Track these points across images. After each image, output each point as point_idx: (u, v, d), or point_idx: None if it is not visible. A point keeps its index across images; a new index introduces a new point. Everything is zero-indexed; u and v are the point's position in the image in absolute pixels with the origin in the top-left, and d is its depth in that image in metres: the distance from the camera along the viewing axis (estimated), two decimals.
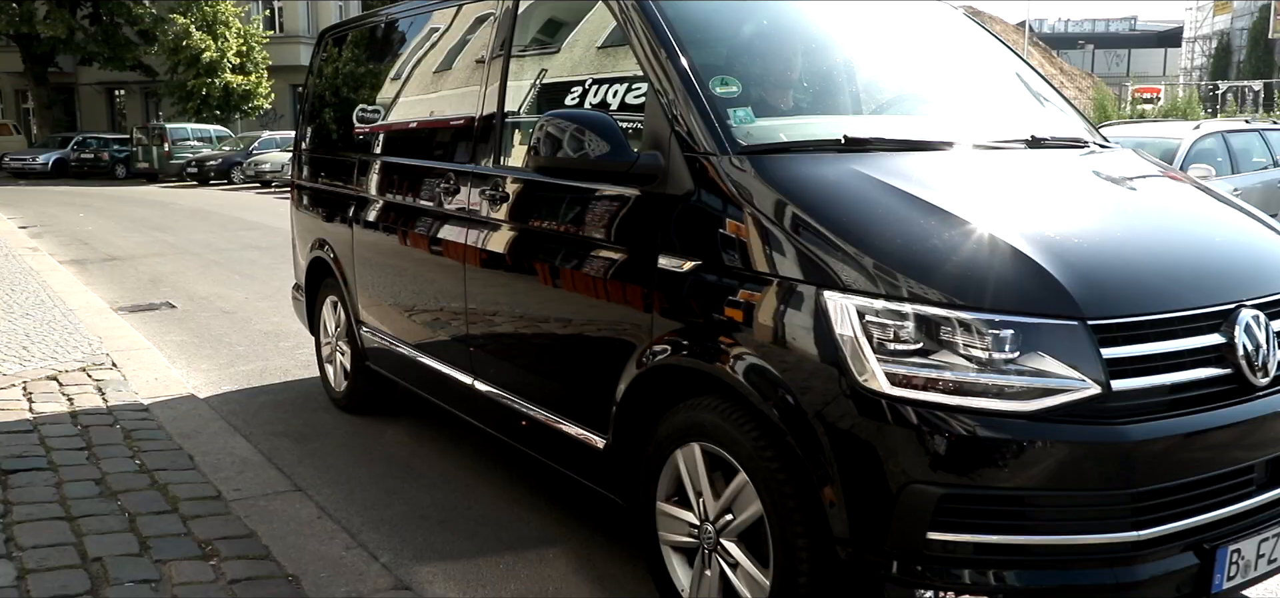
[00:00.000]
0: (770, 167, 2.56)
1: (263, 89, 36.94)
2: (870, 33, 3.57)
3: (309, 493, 3.90)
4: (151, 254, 12.17)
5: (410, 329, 4.32)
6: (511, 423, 3.55)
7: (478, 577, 3.26)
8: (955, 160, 2.89)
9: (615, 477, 3.01)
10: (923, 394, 2.14)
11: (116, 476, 3.90)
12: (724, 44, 3.17)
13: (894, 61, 3.58)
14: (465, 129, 3.84)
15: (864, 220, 2.37)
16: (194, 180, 29.82)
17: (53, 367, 5.62)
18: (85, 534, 3.31)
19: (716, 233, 2.57)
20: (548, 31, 3.66)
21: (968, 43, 3.80)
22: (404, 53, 4.71)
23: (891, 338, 2.18)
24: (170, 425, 4.63)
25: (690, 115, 2.70)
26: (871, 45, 3.57)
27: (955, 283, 2.19)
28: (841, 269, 2.27)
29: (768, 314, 2.40)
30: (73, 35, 35.76)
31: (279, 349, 6.69)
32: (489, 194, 3.56)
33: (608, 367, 2.92)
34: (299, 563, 3.19)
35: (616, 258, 2.89)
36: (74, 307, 7.72)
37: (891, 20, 3.68)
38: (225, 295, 8.93)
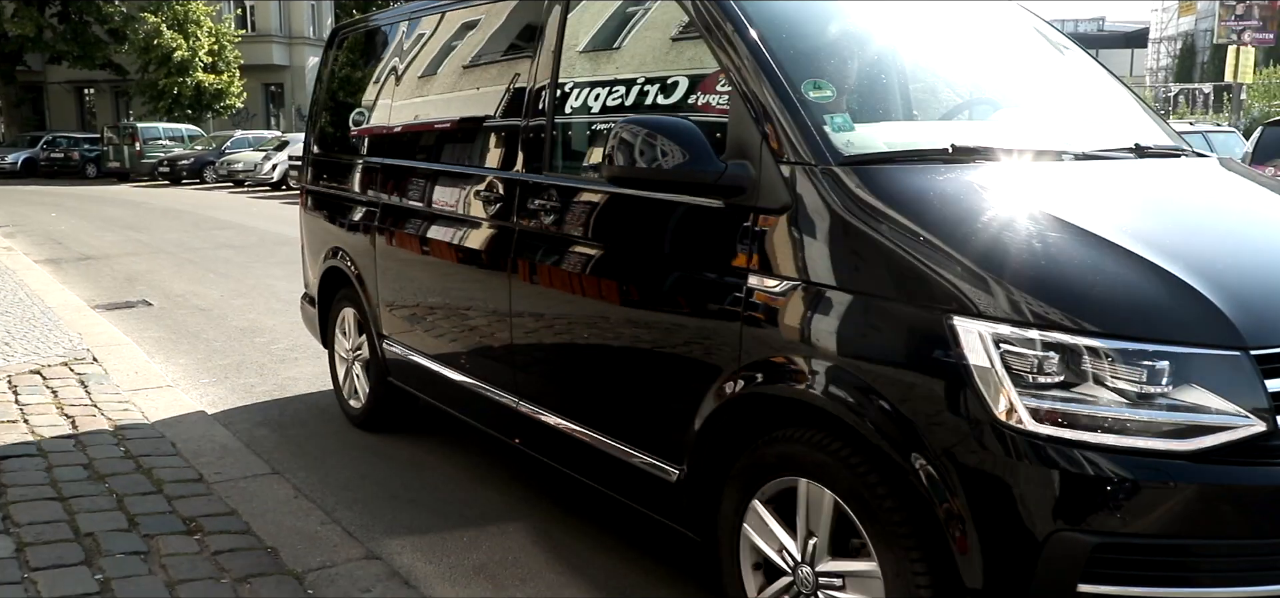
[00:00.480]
0: (880, 179, 2.37)
1: (235, 88, 36.95)
2: (948, 33, 3.38)
3: (286, 476, 4.15)
4: (126, 253, 12.32)
5: (442, 345, 4.06)
6: (562, 447, 3.34)
7: (442, 548, 3.54)
8: (1071, 172, 2.68)
9: (689, 511, 2.80)
10: (1070, 432, 1.95)
11: (103, 460, 4.14)
12: (809, 43, 2.93)
13: (976, 63, 3.39)
14: (511, 133, 3.58)
15: (993, 239, 2.16)
16: (166, 180, 29.80)
17: (35, 361, 5.83)
18: (77, 512, 3.56)
19: (820, 252, 2.38)
20: (605, 25, 3.36)
21: (1042, 42, 3.57)
22: (434, 51, 4.35)
23: (1033, 370, 1.98)
24: (153, 415, 4.86)
25: (785, 123, 2.50)
26: (951, 46, 3.38)
27: (1101, 308, 2.00)
28: (973, 293, 2.07)
29: (882, 342, 2.22)
30: (41, 33, 35.63)
31: (254, 345, 6.92)
32: (542, 204, 3.31)
33: (684, 393, 2.72)
34: (277, 537, 3.45)
35: (698, 277, 2.67)
36: (52, 305, 7.90)
37: (967, 20, 3.48)
38: (200, 293, 9.13)
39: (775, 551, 2.52)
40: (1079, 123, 3.19)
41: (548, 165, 3.36)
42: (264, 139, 29.57)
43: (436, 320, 4.10)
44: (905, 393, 2.16)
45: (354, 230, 4.74)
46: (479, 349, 3.80)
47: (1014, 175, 2.54)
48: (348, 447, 4.68)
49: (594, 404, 3.20)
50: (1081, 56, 3.60)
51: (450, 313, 4.00)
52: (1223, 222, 2.61)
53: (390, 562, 3.37)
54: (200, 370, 6.19)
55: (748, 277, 2.52)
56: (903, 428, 2.16)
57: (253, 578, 3.11)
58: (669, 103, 2.96)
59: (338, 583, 3.13)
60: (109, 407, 4.97)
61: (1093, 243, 2.15)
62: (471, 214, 3.77)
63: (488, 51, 3.95)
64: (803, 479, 2.40)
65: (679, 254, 2.77)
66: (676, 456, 2.80)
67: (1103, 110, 3.38)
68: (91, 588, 2.99)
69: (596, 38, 3.37)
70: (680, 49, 3.00)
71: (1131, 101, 3.48)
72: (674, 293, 2.75)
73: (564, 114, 3.37)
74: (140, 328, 7.49)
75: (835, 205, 2.36)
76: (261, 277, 10.04)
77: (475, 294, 3.77)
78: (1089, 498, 1.95)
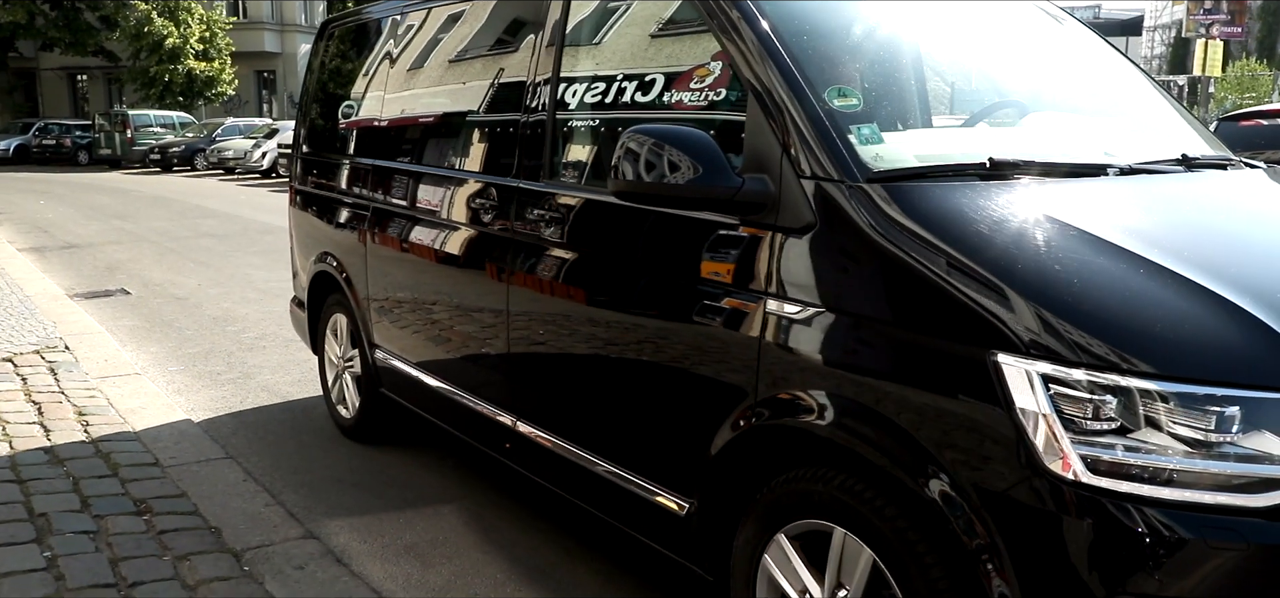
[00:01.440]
0: (912, 197, 2.18)
1: (226, 76, 37.03)
2: (980, 32, 3.21)
3: (238, 460, 4.35)
4: (109, 242, 12.49)
5: (433, 358, 3.90)
6: (560, 471, 3.17)
7: (378, 528, 3.74)
8: (1118, 189, 2.47)
9: (699, 547, 2.63)
10: (1127, 485, 1.78)
11: (63, 445, 4.34)
12: (832, 46, 2.74)
13: (1011, 66, 3.24)
14: (509, 135, 3.39)
15: (1039, 268, 1.98)
16: (157, 167, 29.94)
17: (8, 350, 6.02)
18: (33, 494, 3.75)
19: (845, 277, 2.21)
20: (611, 21, 3.16)
21: (1074, 41, 3.38)
22: (425, 45, 4.16)
23: (1087, 414, 1.81)
24: (117, 402, 5.06)
25: (807, 134, 2.31)
26: (983, 46, 3.21)
27: (1160, 346, 1.82)
28: (1019, 328, 1.89)
29: (916, 377, 2.03)
30: (33, 20, 35.72)
31: (225, 334, 7.11)
32: (542, 214, 3.11)
33: (696, 423, 2.54)
34: (222, 517, 3.65)
35: (711, 299, 2.48)
36: (31, 293, 8.08)
37: (999, 19, 3.31)
38: (178, 282, 9.31)
39: (797, 592, 2.35)
40: (1121, 131, 3.02)
41: (548, 170, 3.16)
42: (254, 127, 29.69)
43: (429, 333, 3.96)
44: (940, 437, 1.98)
45: (342, 232, 4.60)
46: (474, 364, 3.62)
47: (1057, 193, 2.32)
48: (301, 432, 4.88)
49: (595, 429, 3.02)
50: (1112, 53, 3.39)
51: (443, 325, 3.85)
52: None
53: (326, 541, 3.58)
54: (170, 358, 6.38)
55: (766, 300, 2.34)
56: (938, 476, 1.99)
57: (193, 556, 3.32)
58: (676, 100, 2.77)
59: (273, 560, 3.33)
60: (76, 394, 5.16)
61: (1148, 271, 1.96)
62: (465, 223, 3.58)
63: (483, 46, 3.78)
64: (838, 528, 2.21)
65: (691, 272, 2.55)
66: (687, 488, 2.63)
67: (1144, 116, 3.18)
68: (39, 564, 3.19)
69: (601, 30, 3.16)
70: (693, 42, 2.78)
71: (1171, 105, 3.28)
72: (686, 314, 2.55)
73: (565, 112, 3.16)
74: (115, 317, 7.68)
75: (863, 226, 2.17)
76: (240, 266, 10.23)
77: (470, 307, 3.60)
78: (1150, 560, 1.76)
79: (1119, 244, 2.04)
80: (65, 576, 3.12)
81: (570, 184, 3.11)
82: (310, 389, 5.50)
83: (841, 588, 2.25)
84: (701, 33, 2.72)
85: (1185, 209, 2.50)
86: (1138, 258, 2.00)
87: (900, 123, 2.73)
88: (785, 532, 2.36)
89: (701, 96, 2.69)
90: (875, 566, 2.15)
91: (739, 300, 2.42)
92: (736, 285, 2.43)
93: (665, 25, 2.92)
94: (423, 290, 3.94)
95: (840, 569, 2.25)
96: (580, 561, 3.47)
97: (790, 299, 2.30)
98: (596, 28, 3.18)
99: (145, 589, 3.07)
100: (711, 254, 2.51)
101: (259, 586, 3.15)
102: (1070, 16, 3.51)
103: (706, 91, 2.68)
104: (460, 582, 3.33)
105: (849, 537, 2.20)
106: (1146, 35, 73.34)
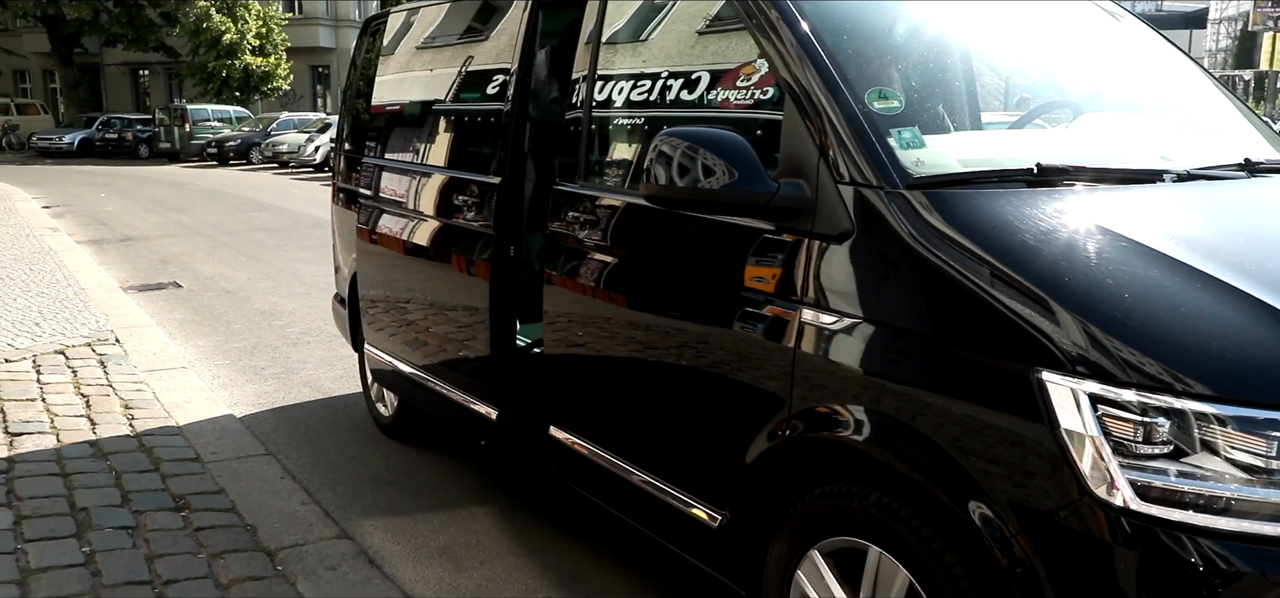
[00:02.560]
0: (955, 205, 2.10)
1: (282, 70, 37.59)
2: (1028, 29, 3.11)
3: (278, 456, 4.38)
4: (165, 235, 12.73)
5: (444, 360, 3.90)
6: (597, 480, 3.09)
7: (412, 529, 3.73)
8: (1176, 197, 2.37)
9: (732, 560, 2.57)
10: (1180, 513, 1.69)
11: (108, 439, 4.40)
12: (873, 46, 2.66)
13: (1060, 64, 3.14)
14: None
15: (1089, 282, 1.89)
16: (214, 160, 30.50)
17: (61, 342, 6.14)
18: (76, 488, 3.81)
19: (883, 287, 2.13)
20: (646, 21, 3.09)
21: (1131, 37, 3.25)
22: (462, 47, 4.07)
23: (1138, 438, 1.73)
24: (163, 396, 5.12)
25: (845, 138, 2.23)
26: (1032, 44, 3.12)
27: (1218, 367, 1.73)
28: (1066, 345, 1.81)
29: (956, 394, 1.95)
30: (98, 17, 36.59)
31: (271, 328, 7.19)
32: (575, 217, 3.05)
33: (729, 433, 2.48)
34: (258, 515, 3.67)
35: (746, 307, 2.41)
36: (86, 286, 8.25)
37: (1048, 15, 3.19)
38: (229, 276, 9.45)
39: None
40: (1179, 134, 2.90)
41: (583, 170, 3.10)
42: (308, 121, 30.11)
43: (448, 336, 3.88)
44: (981, 456, 1.90)
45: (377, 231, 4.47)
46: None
47: (1109, 202, 2.21)
48: (340, 428, 4.90)
49: (628, 437, 2.96)
50: (1177, 54, 3.27)
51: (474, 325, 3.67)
52: None
53: (360, 541, 3.57)
54: (216, 353, 6.47)
55: (801, 310, 2.28)
56: (975, 496, 1.91)
57: (227, 554, 3.33)
58: (713, 98, 2.71)
59: (306, 560, 3.33)
60: (123, 387, 5.24)
61: (1205, 285, 1.87)
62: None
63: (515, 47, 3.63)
64: (873, 547, 2.14)
65: (725, 278, 2.50)
66: (720, 499, 2.56)
67: (1205, 117, 3.05)
68: (77, 560, 3.22)
69: (638, 32, 3.10)
70: (728, 41, 2.72)
71: (1230, 103, 3.15)
72: (720, 321, 2.49)
73: (602, 111, 3.09)
74: (166, 310, 7.81)
75: (902, 234, 2.09)
76: (289, 260, 10.35)
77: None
78: (1204, 593, 1.67)
79: (1174, 256, 1.95)
80: (102, 572, 3.15)
81: (606, 186, 3.05)
82: (352, 385, 5.52)
83: None
84: (742, 31, 2.63)
85: (1247, 218, 2.38)
86: (1194, 271, 1.91)
87: (947, 125, 2.64)
88: (819, 548, 2.29)
89: (746, 96, 2.61)
90: (912, 587, 2.07)
91: (774, 308, 2.35)
92: (771, 293, 2.37)
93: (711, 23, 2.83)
94: (453, 289, 3.88)
95: (875, 589, 2.17)
96: (611, 568, 3.42)
97: (827, 308, 2.23)
98: (637, 28, 3.12)
99: (179, 588, 3.08)
100: (745, 260, 2.45)
101: (291, 586, 3.15)
102: (1127, 11, 3.39)
103: (753, 90, 2.59)
104: (491, 587, 3.31)
105: (884, 556, 2.13)
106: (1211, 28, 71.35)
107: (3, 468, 3.97)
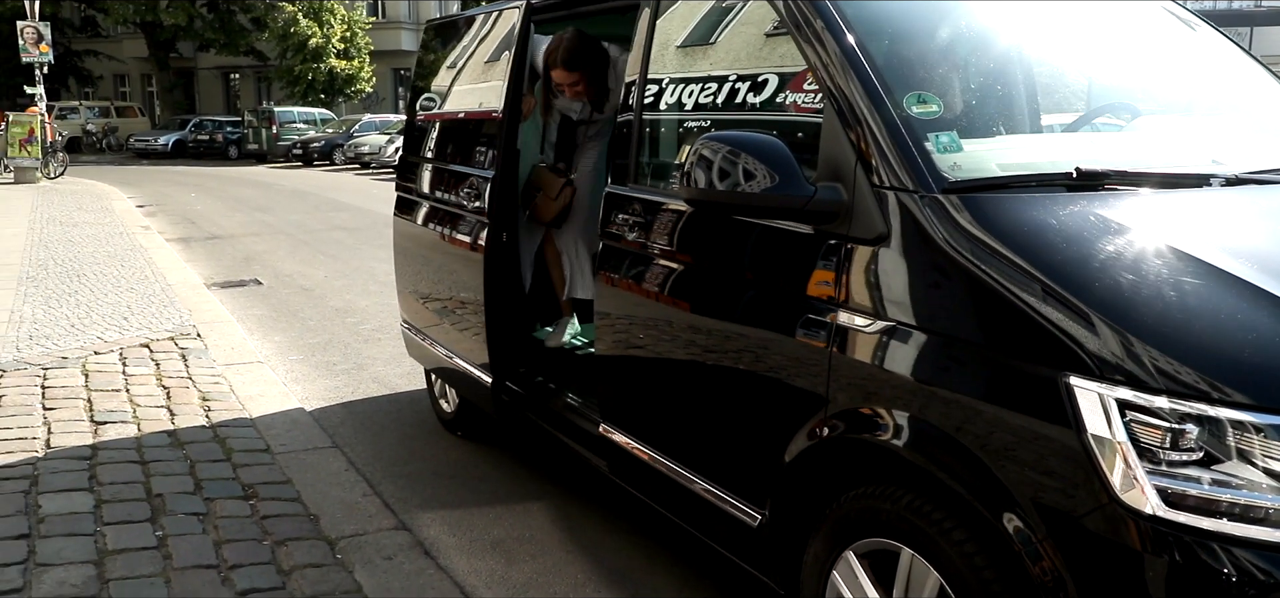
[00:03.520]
0: (989, 209, 2.10)
1: (365, 74, 38.55)
2: (1073, 30, 3.08)
3: (343, 449, 4.52)
4: (249, 234, 13.18)
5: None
6: (643, 477, 3.14)
7: (468, 522, 3.82)
8: (1221, 202, 2.35)
9: (771, 558, 2.59)
10: (1211, 522, 1.68)
11: (185, 429, 4.60)
12: (912, 47, 2.66)
13: (1107, 65, 3.12)
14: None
15: (1121, 288, 1.88)
16: (299, 161, 31.39)
17: (146, 335, 6.43)
18: (153, 475, 3.99)
19: (917, 290, 2.14)
20: (693, 30, 3.16)
21: (1185, 38, 3.21)
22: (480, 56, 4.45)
23: (1165, 445, 1.71)
24: (239, 389, 5.33)
25: (881, 142, 2.24)
26: (1078, 46, 3.11)
27: (1257, 374, 1.72)
28: (1094, 350, 1.81)
29: (987, 397, 1.95)
30: (192, 23, 38.06)
31: (345, 325, 7.40)
32: (624, 219, 3.12)
33: (767, 432, 2.50)
34: (321, 505, 3.80)
35: (783, 308, 2.44)
36: (172, 282, 8.60)
37: (1094, 15, 3.14)
38: (307, 274, 9.75)
39: None
40: (1231, 137, 2.85)
41: (634, 172, 3.16)
42: (389, 123, 30.79)
43: (453, 312, 4.34)
44: (1010, 461, 1.90)
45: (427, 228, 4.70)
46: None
47: (1150, 207, 2.20)
48: (405, 424, 5.04)
49: (673, 436, 3.00)
50: (1235, 51, 3.20)
51: (465, 303, 4.22)
52: None
53: (417, 533, 3.67)
54: (291, 348, 6.69)
55: (837, 311, 2.29)
56: (1003, 501, 1.91)
57: (290, 541, 3.46)
58: (759, 101, 2.74)
59: (364, 550, 3.44)
60: (202, 379, 5.46)
61: (1244, 294, 1.85)
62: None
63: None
64: (906, 549, 2.15)
65: (765, 279, 2.54)
66: (758, 498, 2.59)
67: (1262, 119, 2.99)
68: (150, 543, 3.38)
69: (686, 42, 3.16)
70: (772, 45, 2.75)
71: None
72: (759, 321, 2.54)
73: (653, 114, 3.17)
74: (246, 306, 8.09)
75: (936, 238, 2.09)
76: (365, 259, 10.63)
77: None
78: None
79: (1209, 262, 1.92)
80: (173, 555, 3.30)
81: (655, 190, 3.10)
82: (417, 382, 5.66)
83: None
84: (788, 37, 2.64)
85: None
86: (1229, 277, 1.89)
87: (996, 129, 2.62)
88: (854, 549, 2.30)
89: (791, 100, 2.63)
90: (942, 590, 2.07)
91: (811, 310, 2.37)
92: (807, 295, 2.39)
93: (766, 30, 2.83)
94: (458, 274, 4.28)
95: (907, 591, 2.18)
96: (660, 566, 3.46)
97: (863, 311, 2.24)
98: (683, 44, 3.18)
99: (243, 572, 3.21)
100: (784, 263, 2.48)
101: (348, 574, 3.25)
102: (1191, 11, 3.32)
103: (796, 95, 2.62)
104: (542, 581, 3.37)
105: (917, 558, 2.13)
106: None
107: (86, 455, 4.19)
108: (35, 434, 4.43)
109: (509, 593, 3.29)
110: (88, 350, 5.96)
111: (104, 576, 3.14)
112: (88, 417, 4.71)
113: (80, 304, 7.47)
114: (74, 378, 5.36)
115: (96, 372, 5.50)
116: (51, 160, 21.84)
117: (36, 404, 4.87)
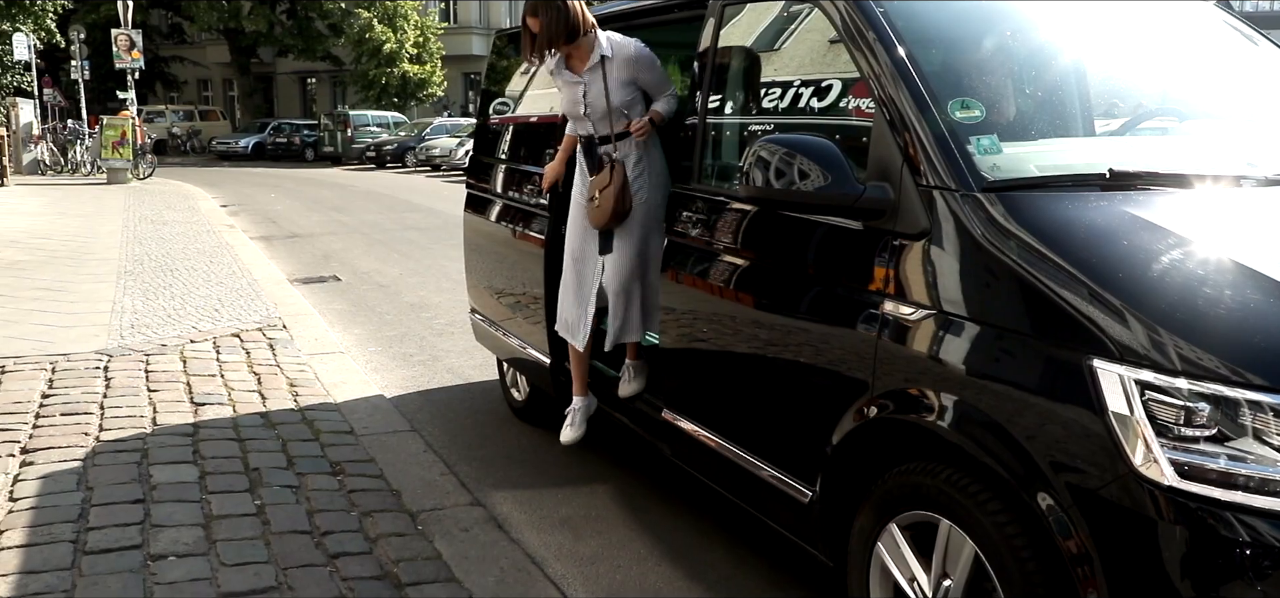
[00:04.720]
0: (1024, 207, 2.25)
1: (436, 78, 39.41)
2: (1116, 37, 3.21)
3: (421, 432, 4.81)
4: (327, 233, 13.70)
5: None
6: (702, 458, 3.34)
7: (538, 501, 4.08)
8: (1253, 201, 2.50)
9: (822, 534, 2.75)
10: (1223, 492, 1.81)
11: (276, 412, 4.94)
12: (959, 56, 2.84)
13: (1147, 71, 3.24)
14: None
15: (1144, 278, 2.03)
16: (372, 164, 32.21)
17: (236, 326, 6.84)
18: (249, 451, 4.32)
19: (956, 281, 2.30)
20: (755, 38, 3.36)
21: (1227, 43, 3.32)
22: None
23: (1180, 420, 1.84)
24: (323, 376, 5.67)
25: (926, 143, 2.41)
26: (1119, 52, 3.24)
27: (1268, 358, 1.84)
28: (1116, 335, 1.95)
29: (1016, 379, 2.11)
30: (272, 29, 39.34)
31: (419, 319, 7.74)
32: (688, 217, 3.35)
33: (818, 414, 2.68)
34: (402, 482, 4.09)
35: (835, 298, 2.64)
36: (258, 277, 9.06)
37: (1136, 21, 3.27)
38: (382, 271, 10.16)
39: (907, 580, 2.45)
40: (1272, 141, 2.92)
41: (698, 173, 3.38)
42: (460, 126, 31.43)
43: (516, 299, 4.71)
44: (1037, 435, 2.06)
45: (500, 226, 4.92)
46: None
47: (1178, 205, 2.34)
48: (478, 412, 5.33)
49: (731, 418, 3.19)
50: (1269, 48, 3.30)
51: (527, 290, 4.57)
52: None
53: (491, 509, 3.94)
54: (370, 340, 7.04)
55: (884, 301, 2.46)
56: (1032, 473, 2.06)
57: (376, 513, 3.75)
58: (820, 105, 2.95)
59: (442, 523, 3.71)
60: (289, 367, 5.82)
61: (1263, 285, 1.96)
62: None
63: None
64: (944, 520, 2.30)
65: (818, 272, 2.75)
66: (809, 476, 2.75)
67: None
68: (250, 510, 3.70)
69: (748, 50, 3.38)
70: (834, 52, 2.92)
71: None
72: (812, 311, 2.73)
73: (717, 118, 3.41)
74: (327, 301, 8.50)
75: (975, 233, 2.26)
76: (437, 258, 11.01)
77: None
78: (1249, 569, 1.78)
79: (1233, 256, 2.05)
80: (270, 522, 3.61)
81: (713, 187, 3.33)
82: (489, 373, 5.94)
83: (946, 578, 2.34)
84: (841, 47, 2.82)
85: None
86: (1250, 271, 2.01)
87: (1036, 133, 2.78)
88: (897, 521, 2.47)
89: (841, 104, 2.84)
90: (977, 558, 2.24)
91: (859, 300, 2.55)
92: (858, 286, 2.56)
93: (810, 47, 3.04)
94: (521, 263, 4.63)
95: (945, 559, 2.34)
96: (718, 543, 3.66)
97: (907, 300, 2.41)
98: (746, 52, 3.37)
99: (334, 538, 3.50)
100: (835, 255, 2.67)
101: (429, 543, 3.53)
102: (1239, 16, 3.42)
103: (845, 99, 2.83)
104: (607, 555, 3.61)
105: (954, 529, 2.29)
106: None
107: (189, 432, 4.55)
108: (143, 413, 4.80)
109: (576, 565, 3.53)
110: (184, 339, 6.37)
111: (211, 537, 3.46)
112: (188, 398, 5.08)
113: (174, 297, 7.93)
114: (174, 363, 5.76)
115: (193, 358, 5.90)
116: (141, 162, 22.76)
117: (142, 387, 5.26)
